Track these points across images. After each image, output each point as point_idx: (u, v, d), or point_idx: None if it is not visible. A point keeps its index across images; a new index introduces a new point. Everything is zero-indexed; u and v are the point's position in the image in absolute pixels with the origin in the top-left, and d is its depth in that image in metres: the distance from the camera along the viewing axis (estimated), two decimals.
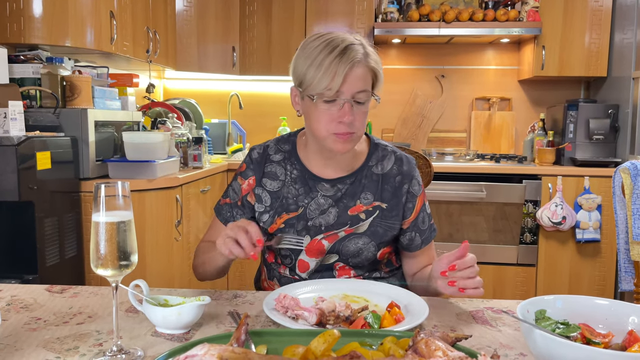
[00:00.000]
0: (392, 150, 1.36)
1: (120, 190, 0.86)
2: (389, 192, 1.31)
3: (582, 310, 0.88)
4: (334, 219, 1.29)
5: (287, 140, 1.38)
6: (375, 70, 1.22)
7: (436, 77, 3.93)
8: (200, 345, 0.67)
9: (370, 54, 1.21)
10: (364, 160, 1.33)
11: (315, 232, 1.28)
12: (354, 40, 1.21)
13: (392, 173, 1.32)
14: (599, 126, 3.28)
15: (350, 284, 1.18)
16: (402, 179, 1.32)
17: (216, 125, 3.85)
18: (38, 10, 2.25)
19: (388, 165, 1.33)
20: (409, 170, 1.33)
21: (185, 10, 3.37)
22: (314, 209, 1.29)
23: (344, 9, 3.55)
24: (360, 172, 1.32)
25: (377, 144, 1.37)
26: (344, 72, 1.15)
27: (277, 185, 1.33)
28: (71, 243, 2.11)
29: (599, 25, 3.39)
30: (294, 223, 1.29)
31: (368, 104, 1.23)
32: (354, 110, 1.19)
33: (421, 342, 0.70)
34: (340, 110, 1.19)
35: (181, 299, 0.97)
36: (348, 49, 1.17)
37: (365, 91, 1.20)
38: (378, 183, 1.31)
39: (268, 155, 1.36)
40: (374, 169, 1.33)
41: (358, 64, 1.17)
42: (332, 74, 1.15)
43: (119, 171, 2.35)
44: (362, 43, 1.22)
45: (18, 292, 1.16)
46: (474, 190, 3.21)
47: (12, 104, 1.93)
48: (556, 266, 3.26)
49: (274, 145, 1.38)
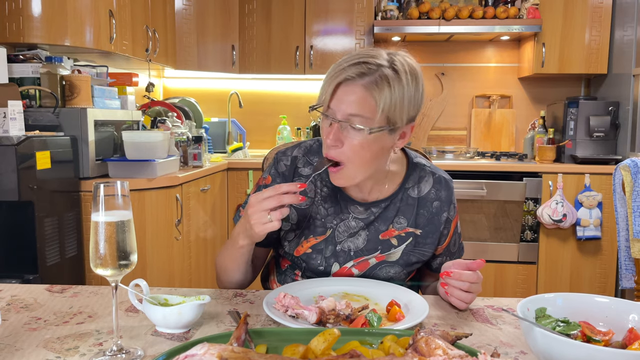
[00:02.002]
0: (430, 172, 1.25)
1: (120, 189, 0.85)
2: (425, 217, 1.21)
3: (583, 308, 0.88)
4: (363, 243, 1.21)
5: (318, 152, 1.24)
6: (376, 99, 1.03)
7: (436, 75, 3.92)
8: (200, 344, 0.67)
9: (382, 79, 1.03)
10: (401, 182, 1.22)
11: (345, 258, 1.20)
12: (382, 56, 1.07)
13: (429, 197, 1.22)
14: (599, 123, 3.28)
15: (350, 282, 1.18)
16: (441, 205, 1.22)
17: (216, 124, 3.85)
18: (37, 9, 2.25)
19: (426, 188, 1.23)
20: (447, 196, 1.23)
21: (184, 9, 3.36)
22: (342, 231, 1.21)
23: (343, 7, 3.54)
24: (396, 195, 1.22)
25: (415, 163, 1.25)
26: (333, 87, 1.05)
27: (306, 203, 1.22)
28: (71, 243, 2.11)
29: (599, 22, 3.39)
30: (322, 249, 1.20)
31: (367, 134, 1.05)
32: (346, 135, 1.06)
33: (421, 340, 0.70)
34: (329, 129, 1.07)
35: (181, 298, 0.97)
36: (354, 67, 1.04)
37: (361, 117, 1.04)
38: (414, 207, 1.21)
39: (297, 168, 1.23)
40: (411, 191, 1.22)
41: (350, 82, 1.04)
42: (327, 86, 1.07)
43: (119, 170, 2.35)
44: (388, 61, 1.06)
45: (18, 292, 1.16)
46: (474, 188, 3.21)
47: (12, 103, 1.92)
48: (557, 264, 3.26)
49: (302, 156, 1.24)
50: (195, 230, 2.79)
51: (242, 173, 3.36)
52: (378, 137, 1.07)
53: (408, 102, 1.07)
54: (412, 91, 1.07)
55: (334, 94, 1.06)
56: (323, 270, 1.20)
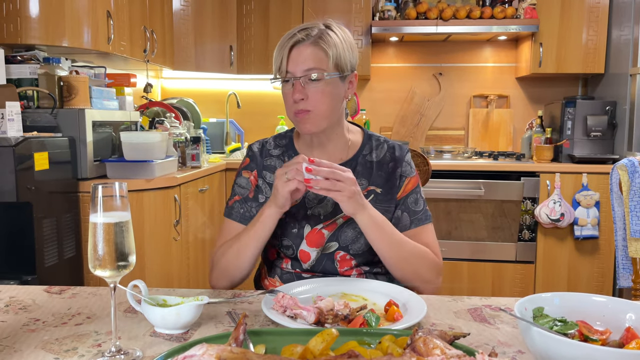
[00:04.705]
0: (385, 141, 1.41)
1: (118, 190, 0.86)
2: (383, 177, 1.35)
3: (580, 308, 0.88)
4: (331, 207, 1.32)
5: (284, 136, 1.44)
6: (325, 49, 1.23)
7: (434, 75, 3.93)
8: (199, 345, 0.67)
9: (324, 35, 1.24)
10: (358, 149, 1.38)
11: (315, 221, 1.31)
12: (317, 24, 1.27)
13: (385, 160, 1.37)
14: (596, 123, 3.28)
15: (348, 282, 1.19)
16: (395, 164, 1.36)
17: (214, 124, 3.85)
18: (35, 10, 2.25)
19: (381, 154, 1.38)
20: (401, 155, 1.38)
21: (182, 10, 3.36)
22: (312, 198, 1.33)
23: (341, 7, 3.55)
24: (355, 160, 1.36)
25: (370, 135, 1.42)
26: (287, 52, 1.23)
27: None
28: (70, 243, 2.11)
29: (596, 22, 3.39)
30: (294, 212, 1.31)
31: (326, 82, 1.24)
32: (308, 88, 1.24)
33: (419, 340, 0.71)
34: (293, 89, 1.25)
35: (180, 299, 0.97)
36: (300, 32, 1.24)
37: (317, 69, 1.23)
38: (372, 170, 1.36)
39: (267, 150, 1.41)
40: (368, 157, 1.37)
41: (301, 43, 1.23)
42: (281, 56, 1.25)
43: (117, 171, 2.34)
44: (324, 26, 1.27)
45: (16, 293, 1.16)
46: (472, 187, 3.21)
47: (10, 104, 1.92)
48: (555, 263, 3.26)
49: (272, 140, 1.43)
50: (194, 231, 2.79)
51: None
52: (333, 84, 1.26)
53: (349, 49, 1.28)
54: (350, 40, 1.30)
55: (289, 58, 1.24)
56: (296, 233, 1.31)
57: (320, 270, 1.31)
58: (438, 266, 1.30)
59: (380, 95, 3.96)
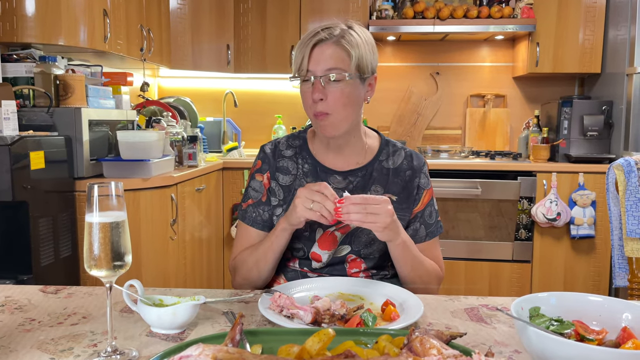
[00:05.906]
0: (402, 147, 1.40)
1: (114, 190, 0.85)
2: (399, 185, 1.33)
3: (576, 307, 0.88)
4: None
5: (298, 137, 1.41)
6: (347, 50, 1.21)
7: (431, 75, 3.93)
8: (195, 345, 0.67)
9: (346, 35, 1.22)
10: (375, 154, 1.36)
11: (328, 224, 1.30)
12: (339, 23, 1.25)
13: (402, 167, 1.35)
14: (593, 122, 3.29)
15: (345, 282, 1.18)
16: (413, 173, 1.35)
17: (211, 123, 3.84)
18: (31, 8, 2.24)
19: (398, 161, 1.36)
20: (419, 165, 1.37)
21: (179, 8, 3.35)
22: None
23: (338, 6, 3.54)
24: (371, 165, 1.34)
25: (387, 140, 1.40)
26: (309, 51, 1.21)
27: (289, 179, 1.34)
28: (66, 243, 2.11)
29: (593, 22, 3.40)
30: None
31: (346, 83, 1.22)
32: (327, 88, 1.21)
33: (416, 340, 0.71)
34: (312, 88, 1.22)
35: (176, 298, 0.97)
36: (323, 31, 1.22)
37: (338, 69, 1.21)
38: (388, 177, 1.34)
39: (279, 150, 1.38)
40: (384, 163, 1.35)
41: (324, 43, 1.21)
42: (302, 54, 1.22)
43: (114, 170, 2.34)
44: (347, 26, 1.24)
45: (12, 293, 1.16)
46: (469, 187, 3.22)
47: (5, 103, 1.92)
48: (551, 262, 3.27)
49: (284, 141, 1.40)
50: (191, 230, 2.78)
51: (237, 173, 3.35)
52: (353, 85, 1.23)
53: (371, 51, 1.26)
54: (371, 41, 1.28)
55: (310, 57, 1.21)
56: (308, 236, 1.28)
57: (329, 271, 1.31)
58: (441, 279, 1.35)
59: (378, 95, 3.91)
